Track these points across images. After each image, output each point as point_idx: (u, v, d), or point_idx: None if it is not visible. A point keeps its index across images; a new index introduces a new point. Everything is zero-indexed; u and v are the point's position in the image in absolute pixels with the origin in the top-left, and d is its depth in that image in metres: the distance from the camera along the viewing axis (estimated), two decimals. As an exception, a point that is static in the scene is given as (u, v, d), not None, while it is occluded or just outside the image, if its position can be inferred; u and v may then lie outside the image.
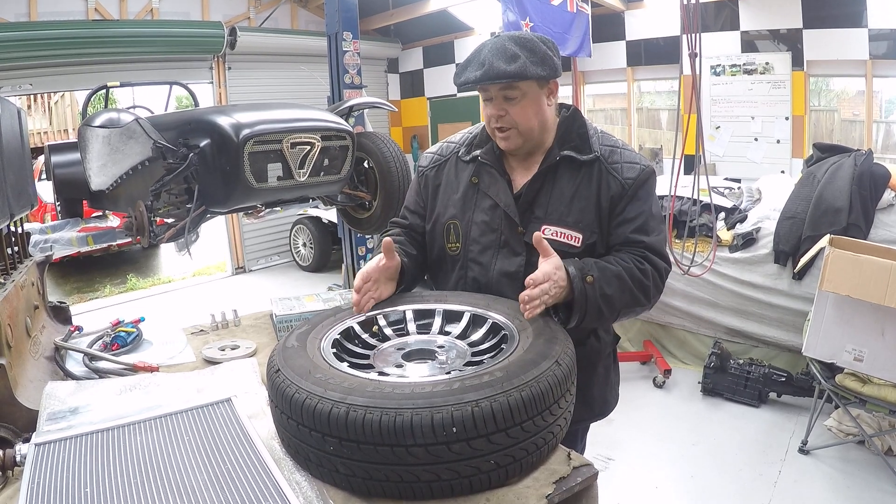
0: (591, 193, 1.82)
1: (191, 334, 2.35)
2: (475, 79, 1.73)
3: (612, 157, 1.85)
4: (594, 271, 1.68)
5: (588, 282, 1.65)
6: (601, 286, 1.67)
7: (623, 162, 1.84)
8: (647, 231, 1.82)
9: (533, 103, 1.78)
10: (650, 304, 1.82)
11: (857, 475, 3.59)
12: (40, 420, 1.54)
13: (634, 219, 1.81)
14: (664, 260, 1.84)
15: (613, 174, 1.82)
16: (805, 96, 7.52)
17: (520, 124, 1.79)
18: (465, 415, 1.16)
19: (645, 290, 1.77)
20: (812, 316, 3.56)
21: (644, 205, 1.83)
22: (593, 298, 1.66)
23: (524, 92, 1.76)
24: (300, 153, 3.00)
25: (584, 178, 1.84)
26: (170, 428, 1.44)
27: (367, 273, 1.77)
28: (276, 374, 1.35)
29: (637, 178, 1.82)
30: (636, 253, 1.79)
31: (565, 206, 1.83)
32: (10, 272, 2.12)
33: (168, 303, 8.10)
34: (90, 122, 3.51)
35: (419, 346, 1.60)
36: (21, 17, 7.39)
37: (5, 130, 2.05)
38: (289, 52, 9.34)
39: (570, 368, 1.38)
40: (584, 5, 8.17)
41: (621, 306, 1.75)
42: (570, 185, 1.84)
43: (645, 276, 1.76)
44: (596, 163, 1.84)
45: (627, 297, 1.74)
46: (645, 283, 1.76)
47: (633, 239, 1.81)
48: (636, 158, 1.86)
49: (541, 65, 1.71)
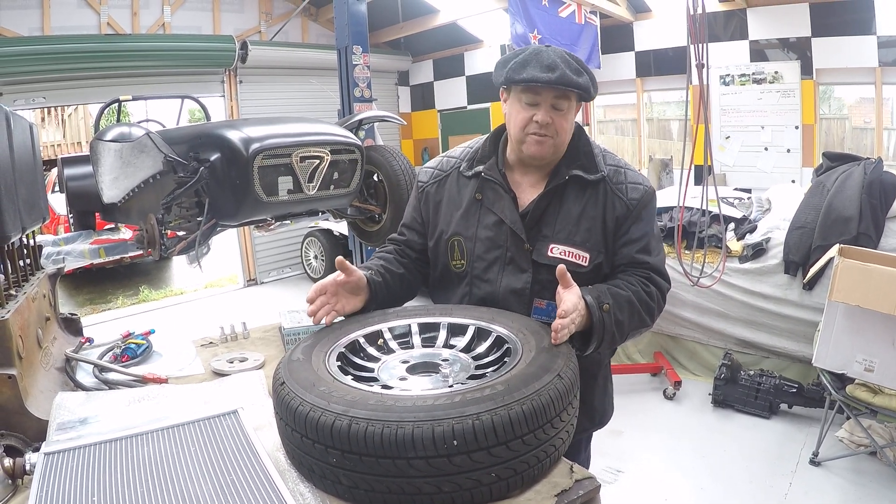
0: (597, 213, 1.85)
1: (200, 346, 2.37)
2: (546, 80, 1.72)
3: (617, 178, 1.88)
4: (608, 299, 1.71)
5: (605, 310, 1.69)
6: (615, 313, 1.71)
7: (628, 182, 1.88)
8: (649, 251, 1.87)
9: (572, 117, 1.86)
10: (652, 324, 1.88)
11: (869, 486, 3.56)
12: (50, 430, 1.57)
13: (639, 239, 1.86)
14: (666, 279, 1.90)
15: (619, 195, 1.86)
16: (815, 105, 7.50)
17: (559, 134, 1.82)
18: (466, 427, 1.17)
19: (651, 312, 1.83)
20: (822, 326, 3.54)
21: (647, 226, 1.88)
22: (609, 326, 1.69)
23: (571, 105, 1.81)
24: (309, 167, 3.02)
25: (590, 198, 1.86)
26: (177, 439, 1.45)
27: (322, 286, 1.76)
28: (281, 386, 1.37)
29: (641, 199, 1.86)
30: (641, 274, 1.84)
31: (573, 225, 1.84)
32: (21, 284, 2.15)
33: (180, 314, 8.14)
34: (102, 136, 3.56)
35: (423, 360, 1.61)
36: (34, 31, 7.50)
37: (17, 145, 2.09)
38: (300, 66, 9.41)
39: (573, 382, 1.39)
40: (593, 17, 8.21)
41: (630, 330, 1.79)
42: (577, 205, 1.85)
43: (651, 298, 1.82)
44: (602, 183, 1.86)
45: (636, 321, 1.78)
46: (651, 304, 1.82)
47: (638, 259, 1.85)
48: (639, 179, 1.91)
49: (592, 86, 1.81)
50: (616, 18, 8.53)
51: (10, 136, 1.98)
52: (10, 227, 1.84)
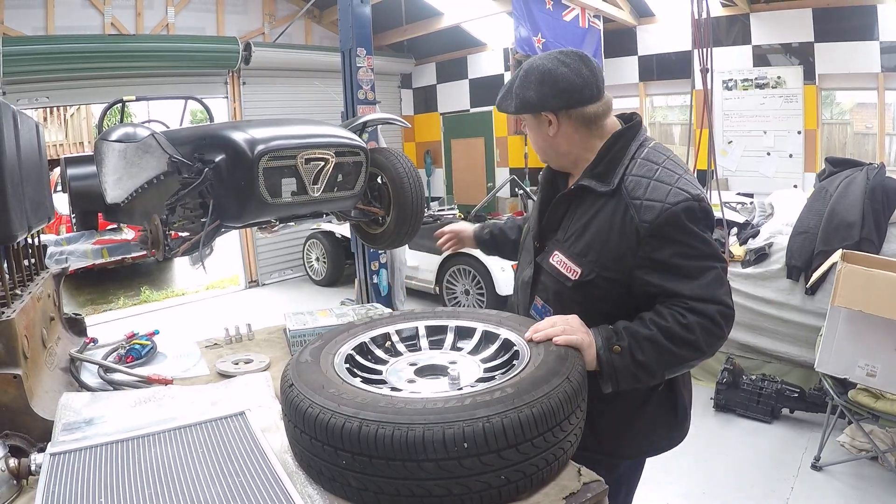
0: (603, 228, 1.73)
1: (205, 348, 2.37)
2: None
3: (636, 192, 1.69)
4: (623, 340, 1.61)
5: (615, 351, 1.60)
6: (632, 353, 1.60)
7: (644, 199, 1.67)
8: (680, 277, 1.65)
9: (532, 132, 1.87)
10: (706, 353, 1.66)
11: (870, 491, 3.56)
12: (55, 430, 1.56)
13: (661, 264, 1.66)
14: (717, 303, 1.63)
15: (632, 212, 1.67)
16: (817, 110, 7.51)
17: (534, 148, 1.90)
18: (476, 430, 1.18)
19: (691, 344, 1.61)
20: (824, 331, 3.54)
21: (671, 248, 1.65)
22: (624, 367, 1.60)
23: (525, 121, 1.86)
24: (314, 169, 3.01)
25: (600, 210, 1.75)
26: (184, 440, 1.45)
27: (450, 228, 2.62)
28: (290, 388, 1.37)
29: (654, 220, 1.64)
30: (678, 306, 1.63)
31: (577, 235, 1.79)
32: (26, 284, 2.15)
33: (182, 315, 8.14)
34: (107, 137, 3.55)
35: (431, 362, 1.61)
36: (38, 30, 7.50)
37: (24, 144, 2.08)
38: (303, 68, 9.43)
39: (581, 385, 1.39)
40: (596, 21, 8.22)
41: (663, 368, 1.65)
42: (586, 215, 1.78)
43: (688, 330, 1.60)
44: (616, 195, 1.72)
45: (667, 357, 1.62)
46: (689, 337, 1.61)
47: (667, 289, 1.65)
48: (660, 196, 1.66)
49: (514, 100, 1.80)
50: (619, 22, 8.55)
51: (17, 135, 1.97)
52: (16, 227, 1.84)
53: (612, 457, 1.89)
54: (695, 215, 1.66)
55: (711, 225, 1.74)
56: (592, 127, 1.79)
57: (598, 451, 1.81)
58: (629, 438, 1.89)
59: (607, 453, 1.86)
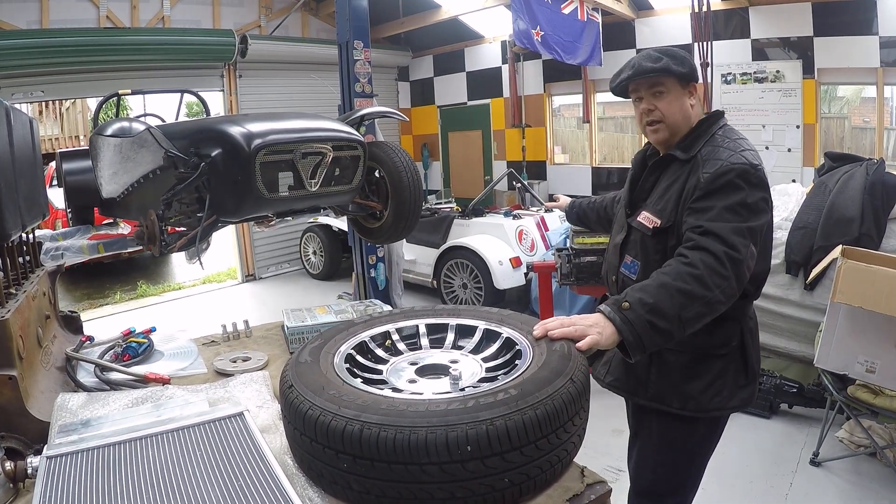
0: (679, 186, 1.96)
1: (202, 345, 2.35)
2: (626, 77, 2.04)
3: (707, 154, 1.94)
4: (630, 295, 1.69)
5: (625, 308, 1.66)
6: (641, 301, 1.66)
7: (711, 158, 1.91)
8: (707, 217, 1.81)
9: (676, 100, 2.03)
10: (713, 290, 1.71)
11: (869, 487, 3.56)
12: (52, 432, 1.54)
13: (701, 210, 1.84)
14: (725, 244, 1.75)
15: (699, 169, 1.91)
16: (816, 104, 7.49)
17: (667, 117, 2.04)
18: (480, 433, 1.16)
19: (698, 279, 1.70)
20: (824, 327, 3.53)
21: (717, 199, 1.83)
22: (637, 318, 1.64)
23: (669, 89, 2.01)
24: (312, 163, 2.98)
25: (681, 175, 1.98)
26: (182, 442, 1.43)
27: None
28: (290, 389, 1.35)
29: (714, 172, 1.86)
30: (685, 245, 1.80)
31: (660, 195, 2.03)
32: (21, 282, 2.12)
33: (179, 310, 8.10)
34: (102, 132, 3.52)
35: (432, 361, 1.59)
36: (33, 24, 7.44)
37: (18, 140, 2.06)
38: (299, 61, 9.38)
39: (584, 385, 1.38)
40: (595, 14, 8.19)
41: (677, 308, 1.67)
42: (669, 180, 2.02)
43: (692, 266, 1.72)
44: (693, 160, 1.96)
45: (680, 297, 1.68)
46: (694, 272, 1.71)
47: (691, 224, 1.84)
48: (724, 156, 1.89)
49: (681, 65, 1.99)
50: (618, 15, 8.52)
51: (10, 131, 1.95)
52: (10, 225, 1.81)
53: (683, 409, 2.06)
54: (748, 179, 1.84)
55: (764, 195, 1.88)
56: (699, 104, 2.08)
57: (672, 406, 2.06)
58: (698, 393, 2.04)
59: (680, 407, 2.05)
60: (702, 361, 2.04)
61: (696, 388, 2.04)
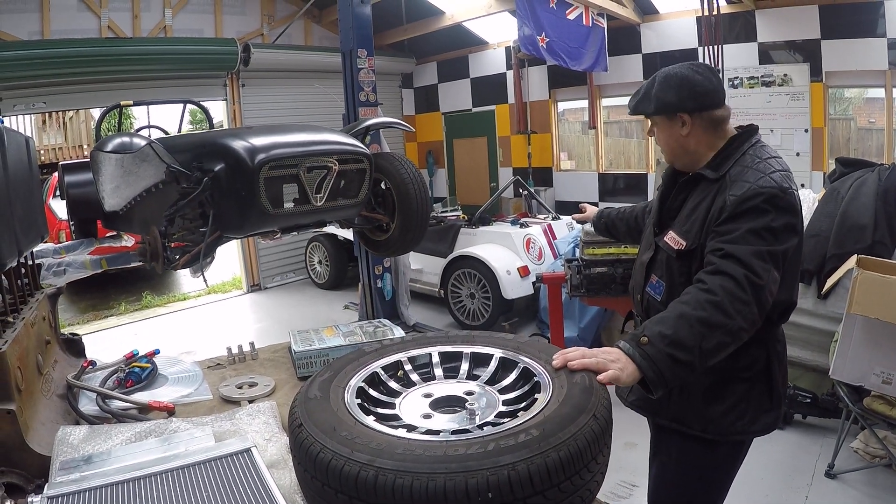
0: (706, 206, 1.92)
1: (207, 368, 2.30)
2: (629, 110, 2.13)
3: (735, 175, 1.89)
4: (648, 329, 1.63)
5: (643, 343, 1.60)
6: (660, 334, 1.60)
7: (739, 180, 1.86)
8: (732, 240, 1.77)
9: (663, 132, 2.05)
10: (736, 319, 1.66)
11: (887, 500, 3.50)
12: (52, 468, 1.49)
13: (725, 234, 1.80)
14: (746, 268, 1.70)
15: (726, 190, 1.87)
16: (824, 108, 7.43)
17: (661, 147, 2.10)
18: (502, 479, 1.10)
19: (718, 307, 1.65)
20: (840, 338, 3.47)
21: (741, 223, 1.79)
22: (657, 353, 1.58)
23: (656, 122, 2.06)
24: (317, 177, 2.94)
25: (707, 194, 1.94)
26: (187, 480, 1.38)
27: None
28: (299, 428, 1.28)
29: (740, 195, 1.81)
30: (705, 270, 1.76)
31: (688, 215, 1.99)
32: (20, 308, 2.06)
33: (184, 321, 8.05)
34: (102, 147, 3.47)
35: (447, 394, 1.53)
36: (34, 35, 7.42)
37: (12, 162, 2.00)
38: (303, 69, 9.34)
39: (608, 421, 1.32)
40: (600, 19, 8.15)
41: (698, 339, 1.62)
42: (698, 199, 1.98)
43: (711, 293, 1.67)
44: (722, 180, 1.92)
45: (699, 327, 1.62)
46: (713, 300, 1.65)
47: (712, 247, 1.81)
48: (752, 178, 1.84)
49: (653, 102, 2.00)
50: (623, 20, 8.46)
51: (3, 154, 1.89)
52: (5, 254, 1.75)
53: (704, 432, 2.02)
54: (776, 203, 1.79)
55: (790, 220, 1.82)
56: (717, 129, 2.00)
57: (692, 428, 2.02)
58: (720, 416, 2.00)
59: (701, 430, 2.02)
60: (725, 384, 2.00)
61: (717, 411, 2.00)
